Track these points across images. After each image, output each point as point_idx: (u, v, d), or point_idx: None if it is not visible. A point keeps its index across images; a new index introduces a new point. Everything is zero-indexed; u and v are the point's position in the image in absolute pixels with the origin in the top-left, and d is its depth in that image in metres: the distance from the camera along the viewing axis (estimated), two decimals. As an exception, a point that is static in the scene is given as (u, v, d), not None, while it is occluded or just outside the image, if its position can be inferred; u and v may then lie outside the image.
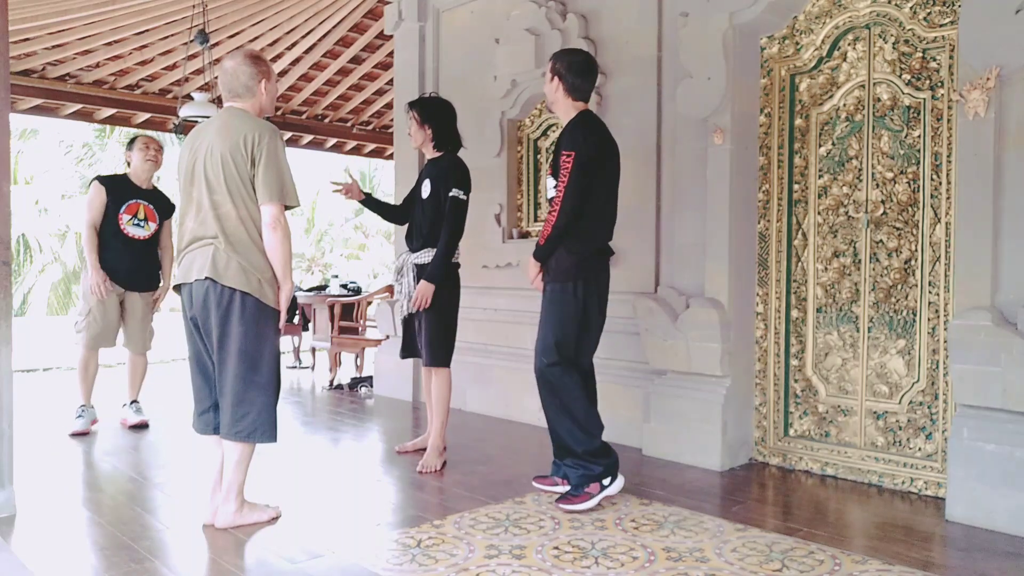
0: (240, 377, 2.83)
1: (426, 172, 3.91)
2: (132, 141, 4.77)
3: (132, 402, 4.79)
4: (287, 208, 2.89)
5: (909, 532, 2.92)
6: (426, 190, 3.84)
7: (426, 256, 3.79)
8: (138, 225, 4.58)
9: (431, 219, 3.80)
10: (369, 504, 3.30)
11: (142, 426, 4.72)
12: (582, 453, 3.15)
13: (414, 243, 3.89)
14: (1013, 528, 2.87)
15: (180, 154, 2.99)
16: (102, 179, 4.62)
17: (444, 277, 3.76)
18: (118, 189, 4.56)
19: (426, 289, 3.72)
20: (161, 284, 4.79)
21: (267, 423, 2.90)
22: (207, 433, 2.97)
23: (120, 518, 3.06)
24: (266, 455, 4.00)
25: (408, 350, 4.03)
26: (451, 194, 3.73)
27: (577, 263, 3.17)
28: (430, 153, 3.92)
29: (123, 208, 4.52)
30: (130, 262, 4.56)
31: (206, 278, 2.79)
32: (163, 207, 4.73)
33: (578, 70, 3.25)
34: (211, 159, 2.82)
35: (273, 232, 2.82)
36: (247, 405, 2.84)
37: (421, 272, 3.78)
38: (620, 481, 3.20)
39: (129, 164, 4.70)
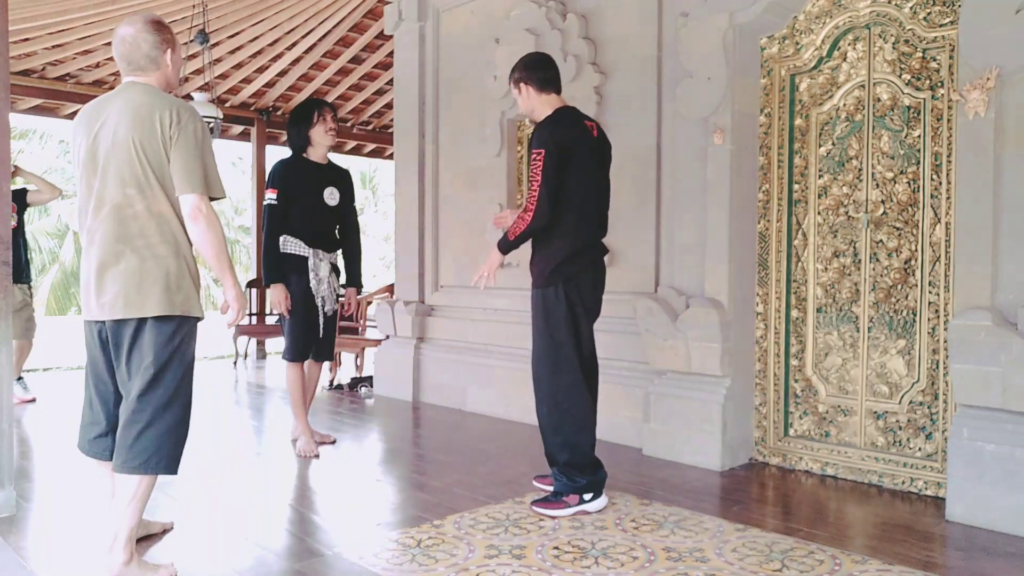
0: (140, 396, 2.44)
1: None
2: None
3: (18, 379, 5.46)
4: (213, 200, 2.51)
5: (909, 532, 2.92)
6: None
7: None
8: None
9: None
10: (369, 504, 3.30)
11: (30, 401, 5.49)
12: (564, 465, 3.12)
13: None
14: (1013, 528, 2.87)
15: (73, 139, 2.54)
16: None
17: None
18: None
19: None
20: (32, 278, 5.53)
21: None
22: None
23: (120, 518, 3.06)
24: (266, 455, 4.00)
25: None
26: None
27: (556, 266, 3.13)
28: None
29: None
30: None
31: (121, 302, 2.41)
32: (17, 197, 5.31)
33: (535, 64, 3.26)
34: (117, 146, 2.39)
35: (195, 223, 2.43)
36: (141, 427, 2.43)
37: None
38: (603, 500, 3.14)
39: None
